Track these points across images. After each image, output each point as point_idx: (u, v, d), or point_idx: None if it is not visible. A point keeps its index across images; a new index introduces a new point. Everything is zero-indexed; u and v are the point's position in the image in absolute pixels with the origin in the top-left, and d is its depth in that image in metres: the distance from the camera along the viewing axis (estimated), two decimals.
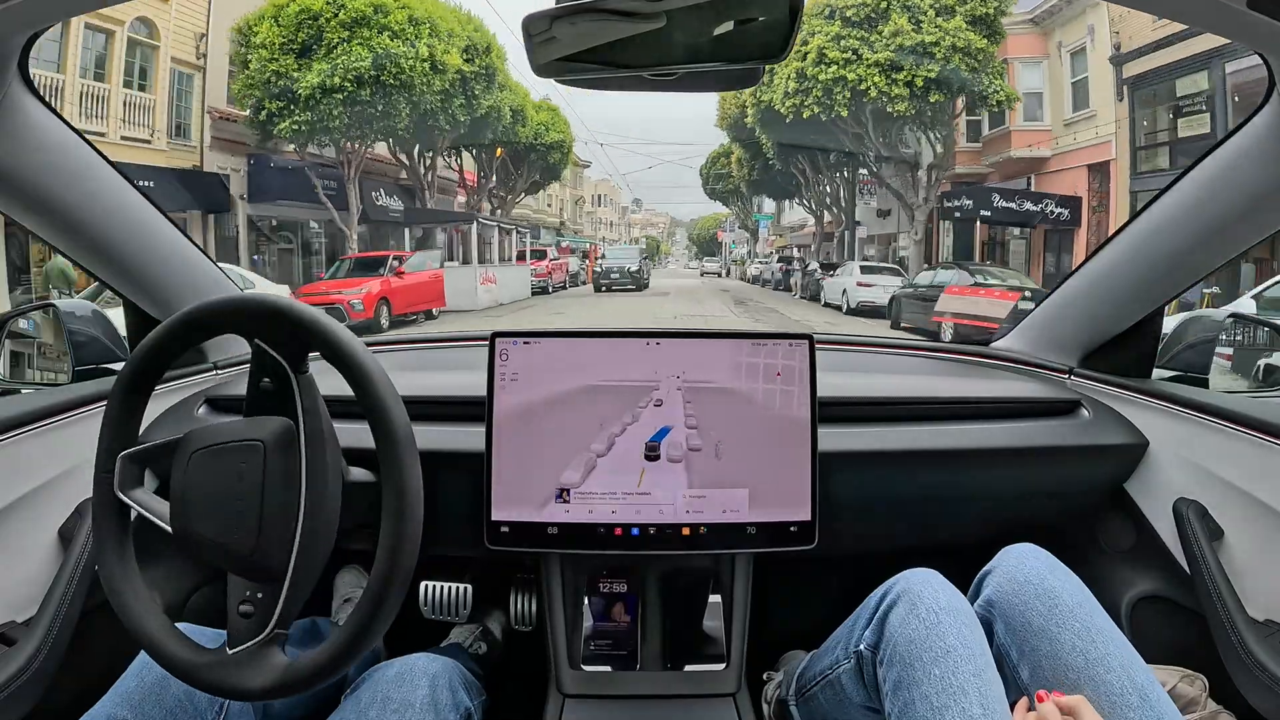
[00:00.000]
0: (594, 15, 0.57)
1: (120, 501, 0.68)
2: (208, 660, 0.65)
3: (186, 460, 0.66)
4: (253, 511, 0.63)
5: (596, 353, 0.90)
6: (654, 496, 0.89)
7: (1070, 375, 1.14)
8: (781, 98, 13.24)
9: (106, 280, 0.99)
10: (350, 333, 0.67)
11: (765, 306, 14.93)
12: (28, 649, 0.80)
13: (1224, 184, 0.84)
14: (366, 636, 0.64)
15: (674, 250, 69.45)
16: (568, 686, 0.93)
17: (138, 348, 0.70)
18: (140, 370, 0.70)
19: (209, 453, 0.66)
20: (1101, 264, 1.06)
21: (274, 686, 0.63)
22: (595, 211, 46.09)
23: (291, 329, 0.66)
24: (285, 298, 0.69)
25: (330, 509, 0.69)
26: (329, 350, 0.66)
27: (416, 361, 1.22)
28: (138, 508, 0.68)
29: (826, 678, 0.83)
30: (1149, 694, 0.68)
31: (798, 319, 11.92)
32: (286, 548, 0.65)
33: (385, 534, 0.64)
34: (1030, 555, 0.79)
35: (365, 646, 0.64)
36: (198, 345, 0.93)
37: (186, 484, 0.66)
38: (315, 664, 0.64)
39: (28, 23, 0.65)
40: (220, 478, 0.65)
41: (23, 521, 0.86)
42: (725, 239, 41.70)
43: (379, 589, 0.63)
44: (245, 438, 0.65)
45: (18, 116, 0.76)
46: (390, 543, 0.64)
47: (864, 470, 0.99)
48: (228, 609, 0.67)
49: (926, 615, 0.71)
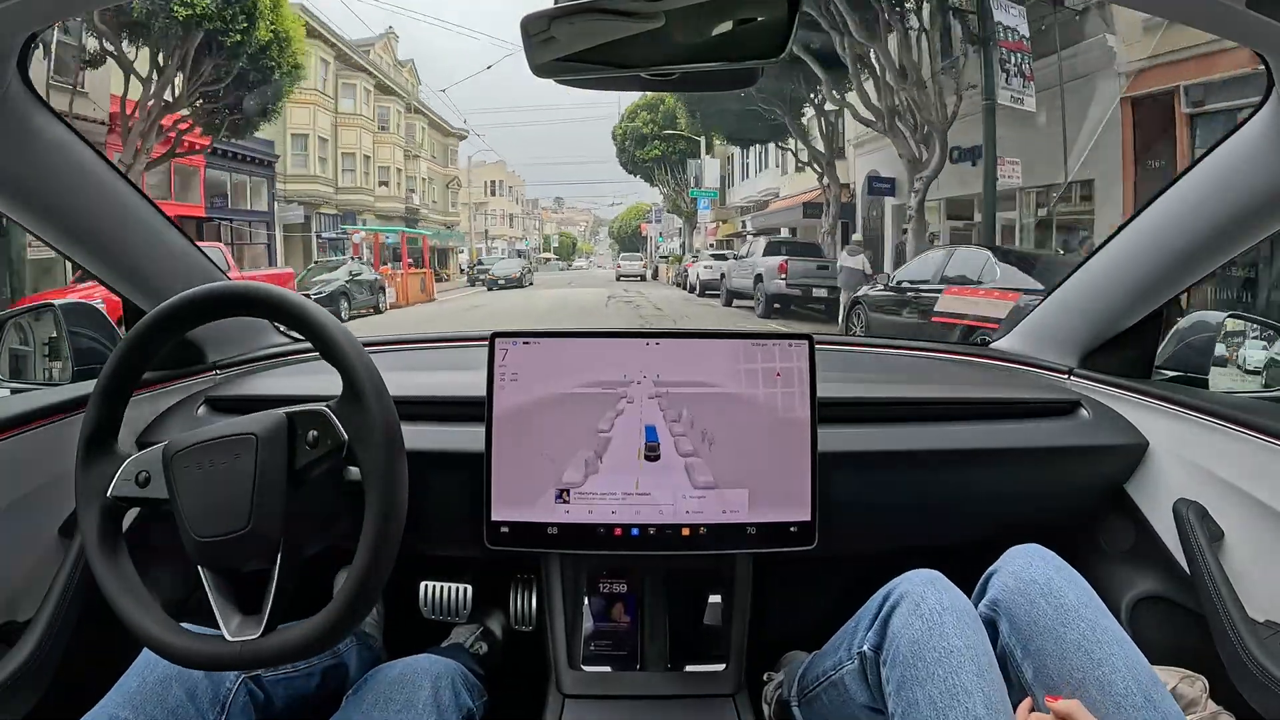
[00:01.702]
0: (593, 15, 0.57)
1: (108, 500, 0.70)
2: (213, 648, 0.66)
3: (172, 457, 0.68)
4: (245, 498, 0.65)
5: (596, 352, 0.90)
6: (654, 497, 0.89)
7: (1070, 375, 1.13)
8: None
9: (105, 279, 0.99)
10: (337, 320, 0.69)
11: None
12: (27, 648, 0.80)
13: (1224, 183, 0.84)
14: (347, 622, 0.65)
15: (596, 249, 64.20)
16: (568, 687, 0.93)
17: (121, 340, 0.72)
18: (125, 362, 0.71)
19: (198, 449, 0.67)
20: (1101, 263, 1.06)
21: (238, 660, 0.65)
22: (487, 202, 38.59)
23: (283, 318, 0.69)
24: (277, 287, 0.70)
25: (324, 501, 0.71)
26: (313, 338, 0.68)
27: (416, 362, 1.22)
28: (124, 494, 0.70)
29: (829, 678, 0.83)
30: (1153, 695, 0.68)
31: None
32: (276, 537, 0.66)
33: (366, 531, 0.65)
34: (1037, 556, 0.79)
35: (340, 635, 0.66)
36: (188, 333, 0.94)
37: (176, 479, 0.67)
38: (293, 642, 0.65)
39: (27, 22, 0.66)
40: (210, 471, 0.66)
41: (22, 521, 0.86)
42: (650, 231, 34.67)
43: (359, 577, 0.65)
44: (238, 432, 0.67)
45: (16, 115, 0.76)
46: (373, 533, 0.65)
47: (864, 471, 0.99)
48: (214, 604, 0.68)
49: (929, 616, 0.72)
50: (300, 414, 0.69)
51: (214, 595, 0.67)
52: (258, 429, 0.67)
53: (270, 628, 0.66)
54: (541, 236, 48.26)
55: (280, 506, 0.66)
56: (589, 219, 70.39)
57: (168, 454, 0.68)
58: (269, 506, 0.65)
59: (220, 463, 0.66)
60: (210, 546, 0.66)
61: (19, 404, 0.90)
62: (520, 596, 1.12)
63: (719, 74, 0.66)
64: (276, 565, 0.66)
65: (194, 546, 0.66)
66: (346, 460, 0.69)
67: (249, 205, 15.13)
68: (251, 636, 0.65)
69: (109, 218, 0.92)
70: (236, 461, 0.66)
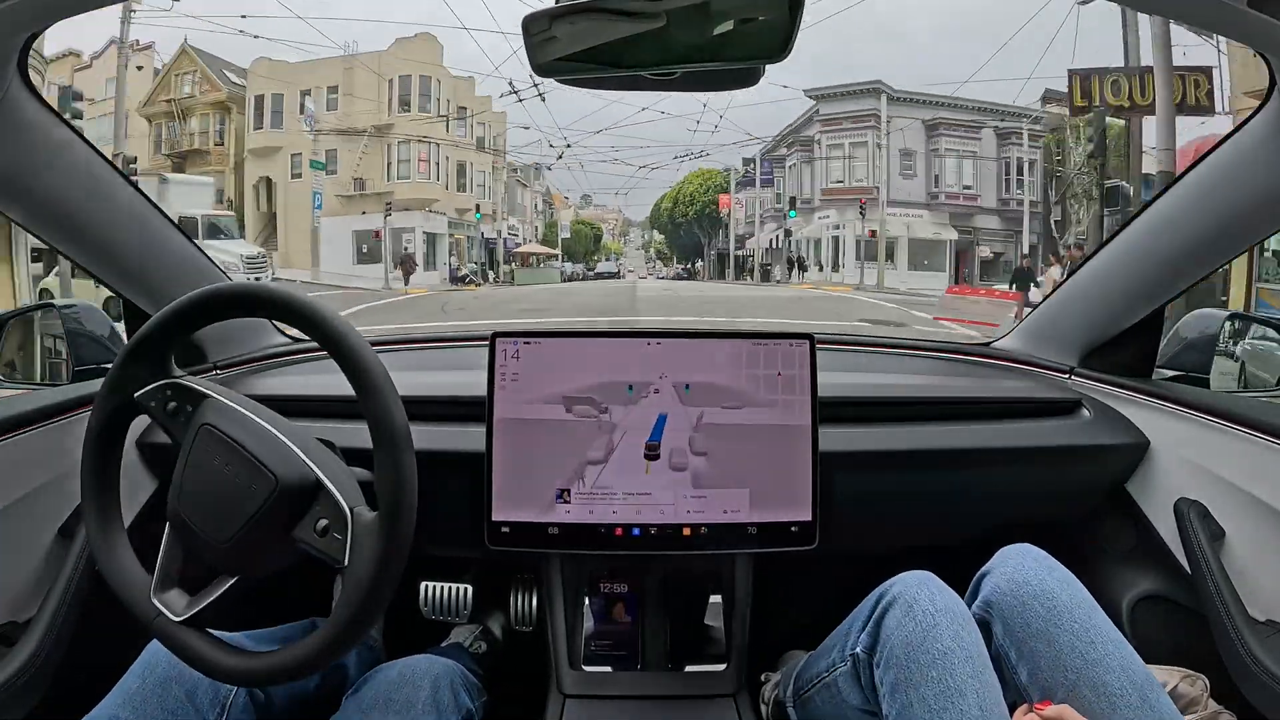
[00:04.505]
0: (594, 15, 0.58)
1: (128, 398, 0.69)
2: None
3: (200, 428, 0.67)
4: (234, 521, 0.64)
5: (597, 352, 0.90)
6: (654, 497, 0.89)
7: (1071, 375, 1.13)
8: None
9: (106, 280, 0.99)
10: (348, 322, 0.68)
11: None
12: (27, 649, 0.80)
13: (1225, 183, 0.84)
14: (352, 633, 0.64)
15: (626, 250, 54.24)
16: (568, 687, 0.93)
17: (126, 344, 0.72)
18: (128, 360, 0.71)
19: (227, 446, 0.66)
20: (1102, 263, 1.06)
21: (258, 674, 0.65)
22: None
23: (292, 318, 0.67)
24: (285, 287, 0.70)
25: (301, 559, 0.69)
26: (324, 339, 0.67)
27: (417, 361, 1.22)
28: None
29: (823, 680, 0.83)
30: (1148, 694, 0.68)
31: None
32: (243, 565, 0.66)
33: (380, 531, 0.64)
34: (1028, 556, 0.79)
35: (347, 646, 0.65)
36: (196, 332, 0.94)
37: (194, 447, 0.66)
38: (295, 659, 0.64)
39: (27, 23, 0.66)
40: (222, 473, 0.65)
41: (23, 521, 0.86)
42: (740, 221, 24.73)
43: (368, 585, 0.63)
44: (266, 464, 0.65)
45: (17, 116, 0.76)
46: (381, 546, 0.64)
47: (865, 470, 0.99)
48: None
49: (923, 617, 0.71)
50: (328, 496, 0.65)
51: (164, 553, 0.67)
52: (282, 477, 0.64)
53: (195, 623, 0.65)
54: (541, 224, 33.25)
55: (260, 551, 0.65)
56: (617, 218, 61.99)
57: (201, 420, 0.67)
58: (250, 543, 0.64)
59: (234, 475, 0.65)
60: (185, 525, 0.66)
61: (21, 404, 0.90)
62: (521, 596, 1.12)
63: (720, 74, 0.66)
64: (232, 582, 0.66)
65: (172, 510, 0.66)
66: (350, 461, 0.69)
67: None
68: (174, 613, 0.65)
69: (111, 219, 0.92)
70: (249, 487, 0.64)
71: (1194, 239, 0.91)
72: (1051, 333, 1.18)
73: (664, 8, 0.56)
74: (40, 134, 0.80)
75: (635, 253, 54.63)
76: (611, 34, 0.59)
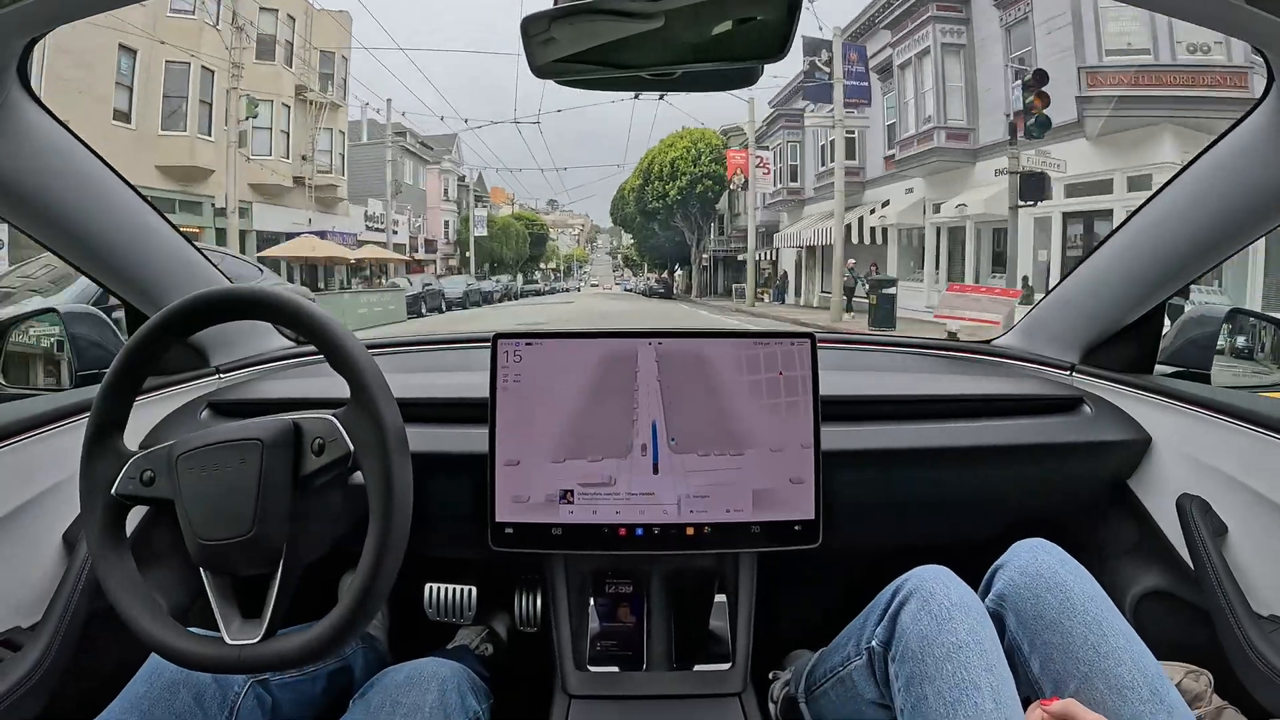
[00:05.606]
0: (593, 15, 0.58)
1: (112, 498, 0.70)
2: (214, 650, 0.66)
3: (177, 458, 0.68)
4: (248, 504, 0.65)
5: (598, 353, 0.90)
6: (657, 496, 0.89)
7: (1072, 371, 1.13)
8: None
9: (107, 284, 0.99)
10: (341, 324, 0.69)
11: None
12: (33, 655, 0.80)
13: (1223, 179, 0.84)
14: (349, 629, 0.65)
15: (593, 260, 49.55)
16: (573, 687, 0.93)
17: (126, 342, 0.72)
18: (130, 361, 0.71)
19: (204, 451, 0.67)
20: (1102, 260, 1.06)
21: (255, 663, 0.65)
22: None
23: (289, 322, 0.68)
24: (279, 290, 0.70)
25: (328, 508, 0.71)
26: (316, 340, 0.68)
27: (419, 363, 1.22)
28: (130, 495, 0.70)
29: (837, 674, 0.83)
30: (1159, 688, 0.68)
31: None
32: (278, 544, 0.66)
33: (370, 538, 0.65)
34: (1042, 550, 0.79)
35: (343, 642, 0.66)
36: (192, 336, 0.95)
37: (181, 480, 0.67)
38: (294, 648, 0.65)
39: (27, 27, 0.66)
40: (215, 474, 0.66)
41: (27, 526, 0.86)
42: (761, 188, 17.38)
43: (362, 585, 0.64)
44: (244, 436, 0.67)
45: (17, 121, 0.76)
46: (376, 541, 0.65)
47: (867, 469, 0.99)
48: (215, 607, 0.68)
49: (938, 611, 0.72)
50: (307, 420, 0.69)
51: (215, 598, 0.67)
52: (264, 434, 0.67)
53: (270, 632, 0.66)
54: (455, 217, 25.70)
55: (284, 513, 0.66)
56: (585, 222, 58.80)
57: (173, 454, 0.68)
58: (272, 513, 0.65)
59: (225, 466, 0.66)
60: (212, 549, 0.66)
61: (23, 409, 0.90)
62: (525, 598, 1.12)
63: (719, 74, 0.66)
64: (278, 571, 0.66)
65: (196, 549, 0.66)
66: (352, 469, 0.69)
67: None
68: (250, 640, 0.65)
69: (111, 222, 0.92)
70: (242, 466, 0.66)
71: (1194, 235, 0.91)
72: (1052, 329, 1.18)
73: (663, 8, 0.56)
74: (40, 138, 0.80)
75: (604, 259, 50.51)
76: (610, 35, 0.59)
